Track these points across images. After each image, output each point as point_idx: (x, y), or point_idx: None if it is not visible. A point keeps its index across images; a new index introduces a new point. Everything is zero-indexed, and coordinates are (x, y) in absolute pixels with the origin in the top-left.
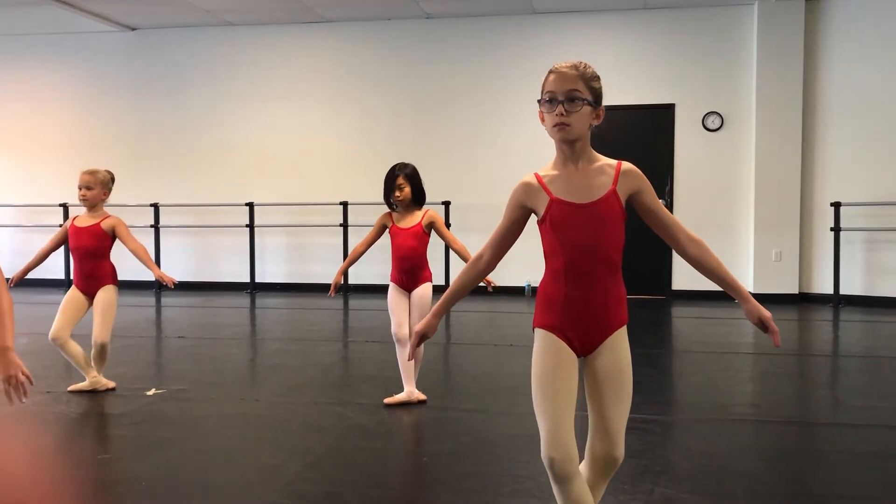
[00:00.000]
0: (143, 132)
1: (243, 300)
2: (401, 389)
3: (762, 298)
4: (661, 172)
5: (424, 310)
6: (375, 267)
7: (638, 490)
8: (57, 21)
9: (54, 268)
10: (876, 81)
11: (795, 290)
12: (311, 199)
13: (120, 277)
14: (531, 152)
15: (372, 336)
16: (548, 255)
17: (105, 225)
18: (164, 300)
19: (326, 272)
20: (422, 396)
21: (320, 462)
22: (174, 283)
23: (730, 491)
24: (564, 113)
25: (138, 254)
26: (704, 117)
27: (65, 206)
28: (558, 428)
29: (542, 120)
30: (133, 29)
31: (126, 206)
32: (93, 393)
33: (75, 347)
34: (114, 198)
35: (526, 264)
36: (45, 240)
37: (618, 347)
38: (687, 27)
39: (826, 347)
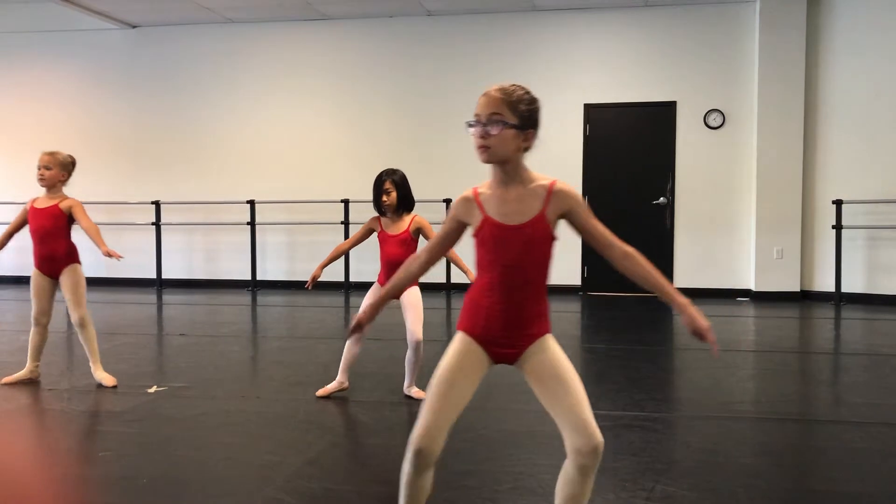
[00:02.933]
0: (145, 130)
1: (244, 298)
2: (399, 385)
3: (764, 296)
4: (662, 170)
5: (418, 311)
6: (376, 266)
7: (639, 487)
8: (58, 19)
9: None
10: (878, 78)
11: (797, 288)
12: (312, 196)
13: (121, 275)
14: (531, 151)
15: (372, 334)
16: (478, 268)
17: (63, 206)
18: (165, 297)
19: (327, 270)
20: (417, 394)
21: (320, 459)
22: (120, 257)
23: (731, 488)
24: (484, 136)
25: (90, 232)
26: (706, 115)
27: None
28: (437, 423)
29: None
30: (134, 26)
31: (127, 203)
32: (93, 390)
33: (40, 336)
34: (115, 196)
35: None
36: None
37: (546, 347)
38: (688, 24)
39: (827, 345)
